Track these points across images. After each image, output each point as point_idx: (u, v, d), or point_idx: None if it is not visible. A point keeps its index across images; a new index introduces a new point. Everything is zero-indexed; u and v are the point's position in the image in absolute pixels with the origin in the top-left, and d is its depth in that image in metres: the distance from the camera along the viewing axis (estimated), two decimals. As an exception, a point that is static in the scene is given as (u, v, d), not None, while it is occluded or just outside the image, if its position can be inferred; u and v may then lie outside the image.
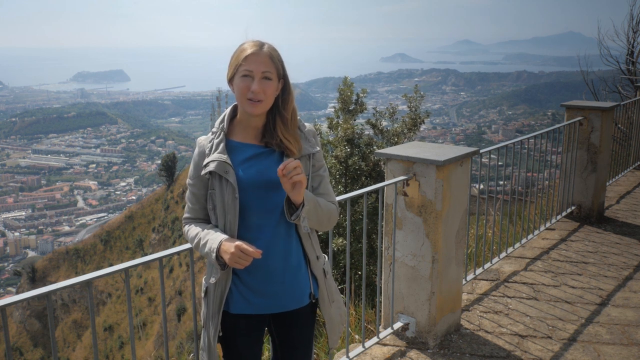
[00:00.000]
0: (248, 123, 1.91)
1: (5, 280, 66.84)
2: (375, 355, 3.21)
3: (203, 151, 1.91)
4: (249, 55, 1.83)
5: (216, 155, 1.86)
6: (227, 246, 1.78)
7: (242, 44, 1.89)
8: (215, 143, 1.89)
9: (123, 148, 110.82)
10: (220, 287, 1.92)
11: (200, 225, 1.94)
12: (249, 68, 1.83)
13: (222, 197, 1.86)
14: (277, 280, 1.91)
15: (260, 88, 1.82)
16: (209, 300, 1.95)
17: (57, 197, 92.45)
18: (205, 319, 1.98)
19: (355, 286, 4.49)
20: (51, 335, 1.95)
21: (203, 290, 1.98)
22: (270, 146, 1.90)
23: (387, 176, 3.30)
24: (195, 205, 1.96)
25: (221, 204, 1.87)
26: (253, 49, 1.85)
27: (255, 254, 1.75)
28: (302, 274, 1.96)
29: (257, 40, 1.89)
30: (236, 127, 1.94)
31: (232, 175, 1.84)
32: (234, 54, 1.88)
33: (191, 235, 1.94)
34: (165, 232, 52.41)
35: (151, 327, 42.11)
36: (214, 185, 1.87)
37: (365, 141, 9.47)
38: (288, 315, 1.98)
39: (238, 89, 1.86)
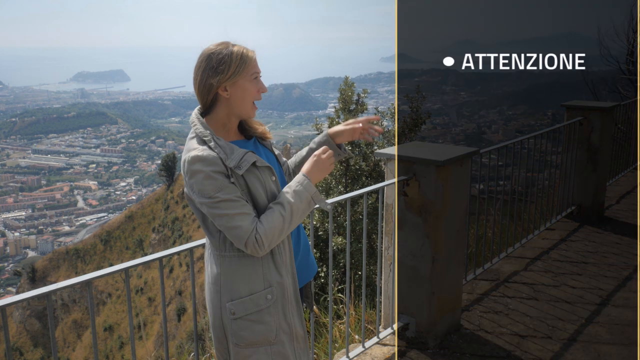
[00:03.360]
0: (229, 125, 1.90)
1: (5, 280, 66.85)
2: (375, 355, 3.21)
3: (216, 160, 1.74)
4: (253, 58, 1.85)
5: (238, 152, 1.79)
6: (311, 166, 1.87)
7: (238, 48, 1.85)
8: (222, 145, 1.79)
9: (123, 148, 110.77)
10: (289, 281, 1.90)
11: (269, 209, 1.80)
12: (257, 70, 1.86)
13: (262, 185, 1.81)
14: (303, 251, 2.02)
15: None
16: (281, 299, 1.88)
17: (57, 197, 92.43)
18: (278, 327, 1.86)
19: (355, 286, 4.49)
20: (51, 335, 1.95)
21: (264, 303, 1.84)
22: (251, 138, 1.95)
23: (387, 176, 3.30)
24: (246, 204, 1.77)
25: (263, 192, 1.81)
26: (252, 51, 1.86)
27: (366, 121, 2.13)
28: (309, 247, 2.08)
29: (238, 43, 1.88)
30: (216, 131, 1.87)
31: (262, 160, 1.83)
32: (234, 60, 1.82)
33: (276, 218, 1.77)
34: (165, 232, 52.43)
35: (151, 327, 42.13)
36: (247, 182, 1.79)
37: (366, 141, 9.48)
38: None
39: (247, 92, 1.84)
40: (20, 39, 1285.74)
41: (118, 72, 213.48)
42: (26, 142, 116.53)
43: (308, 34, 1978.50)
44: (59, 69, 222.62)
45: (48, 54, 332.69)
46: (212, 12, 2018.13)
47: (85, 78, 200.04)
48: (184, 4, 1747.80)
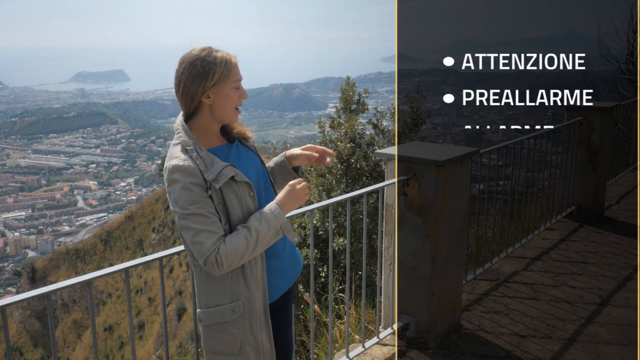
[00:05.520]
0: (211, 130, 1.90)
1: (5, 280, 66.80)
2: (375, 355, 3.21)
3: (196, 172, 1.75)
4: (236, 64, 1.85)
5: (218, 165, 1.80)
6: (284, 196, 1.87)
7: (222, 55, 1.84)
8: (203, 157, 1.79)
9: (123, 148, 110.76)
10: (259, 297, 1.89)
11: (235, 231, 1.80)
12: (239, 77, 1.87)
13: (238, 200, 1.82)
14: (289, 249, 2.02)
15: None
16: (248, 313, 1.88)
17: (57, 197, 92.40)
18: (243, 337, 1.88)
19: (356, 286, 4.49)
20: (51, 335, 1.95)
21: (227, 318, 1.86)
22: (232, 141, 1.96)
23: (387, 176, 3.30)
24: (216, 222, 1.78)
25: (239, 207, 1.82)
26: (234, 57, 1.86)
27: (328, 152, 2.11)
28: (295, 249, 2.07)
29: (220, 49, 1.87)
30: (199, 138, 1.88)
31: (241, 174, 1.83)
32: (219, 67, 1.81)
33: (240, 242, 1.76)
34: (165, 232, 52.42)
35: (151, 327, 42.13)
36: (224, 195, 1.80)
37: (367, 140, 9.48)
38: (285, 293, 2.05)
39: (229, 99, 1.85)
40: (20, 39, 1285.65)
41: (118, 72, 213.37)
42: (26, 142, 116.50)
43: (308, 34, 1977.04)
44: (59, 69, 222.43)
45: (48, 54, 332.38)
46: (212, 12, 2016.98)
47: (85, 78, 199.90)
48: (184, 4, 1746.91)
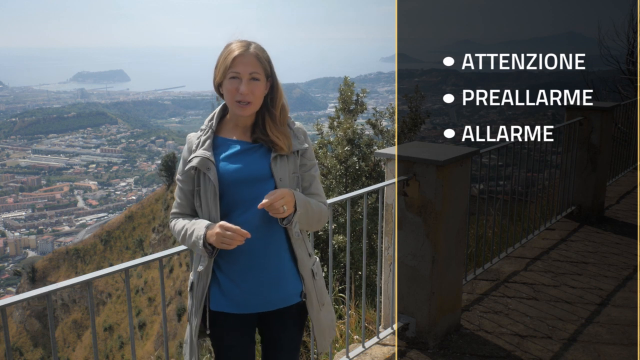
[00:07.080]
0: (237, 121, 1.93)
1: (5, 280, 66.78)
2: (375, 355, 3.21)
3: (190, 147, 1.92)
4: (237, 56, 1.83)
5: (201, 151, 1.86)
6: (213, 228, 1.81)
7: (229, 45, 1.87)
8: (202, 140, 1.90)
9: (123, 148, 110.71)
10: (202, 282, 1.91)
11: (187, 218, 1.94)
12: (236, 70, 1.83)
13: (205, 194, 1.86)
14: (262, 279, 1.89)
15: (249, 89, 1.83)
16: (194, 294, 1.95)
17: (57, 197, 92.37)
18: (189, 313, 1.98)
19: (355, 286, 4.49)
20: (51, 335, 1.95)
21: (189, 285, 1.98)
22: (259, 142, 1.90)
23: (387, 176, 3.30)
24: (183, 201, 1.95)
25: (205, 201, 1.87)
26: (240, 50, 1.84)
27: (240, 232, 1.74)
28: (288, 271, 1.93)
29: (244, 40, 1.88)
30: (226, 125, 1.95)
31: (214, 172, 1.84)
32: (221, 56, 1.87)
33: (177, 228, 1.93)
34: (165, 232, 52.40)
35: (151, 327, 42.14)
36: (199, 182, 1.88)
37: (366, 141, 9.48)
38: (274, 314, 1.95)
39: (227, 91, 1.85)
40: (20, 39, 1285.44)
41: (118, 72, 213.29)
42: (26, 142, 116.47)
43: (308, 34, 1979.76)
44: (59, 69, 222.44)
45: (48, 54, 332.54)
46: (212, 12, 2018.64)
47: (85, 78, 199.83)
48: (184, 4, 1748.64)
